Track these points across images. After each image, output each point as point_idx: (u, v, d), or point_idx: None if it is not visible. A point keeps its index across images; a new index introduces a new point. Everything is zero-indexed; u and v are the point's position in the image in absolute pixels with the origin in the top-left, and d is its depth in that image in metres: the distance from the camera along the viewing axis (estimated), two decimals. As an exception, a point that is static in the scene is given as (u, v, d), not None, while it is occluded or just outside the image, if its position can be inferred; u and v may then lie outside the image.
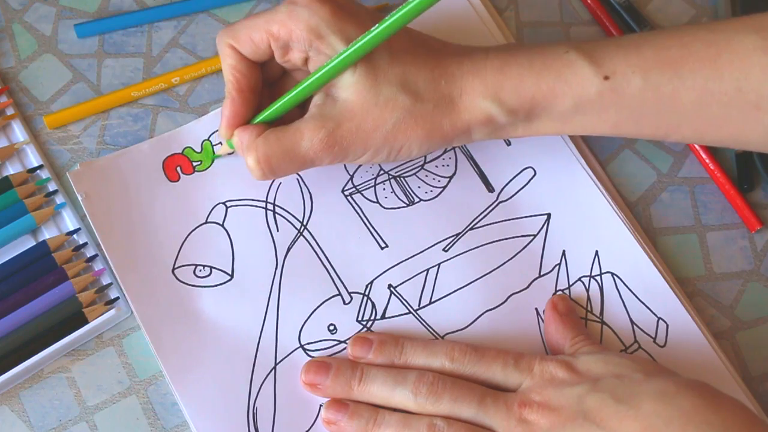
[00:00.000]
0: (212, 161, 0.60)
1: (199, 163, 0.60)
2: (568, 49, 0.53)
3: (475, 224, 0.59)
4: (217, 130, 0.61)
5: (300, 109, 0.55)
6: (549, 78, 0.53)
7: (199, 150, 0.60)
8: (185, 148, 0.60)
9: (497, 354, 0.52)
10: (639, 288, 0.58)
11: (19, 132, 0.60)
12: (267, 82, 0.57)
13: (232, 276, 0.57)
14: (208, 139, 0.61)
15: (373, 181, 0.60)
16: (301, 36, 0.53)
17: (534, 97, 0.53)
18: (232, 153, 0.59)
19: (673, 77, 0.51)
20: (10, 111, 0.61)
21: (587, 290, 0.58)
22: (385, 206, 0.59)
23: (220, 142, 0.60)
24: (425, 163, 0.61)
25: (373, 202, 0.60)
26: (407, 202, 0.60)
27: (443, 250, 0.58)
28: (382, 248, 0.58)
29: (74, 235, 0.58)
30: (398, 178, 0.60)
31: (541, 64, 0.53)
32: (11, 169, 0.59)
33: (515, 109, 0.53)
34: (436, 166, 0.60)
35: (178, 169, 0.60)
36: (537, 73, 0.53)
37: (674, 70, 0.51)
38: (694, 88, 0.51)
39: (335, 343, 0.56)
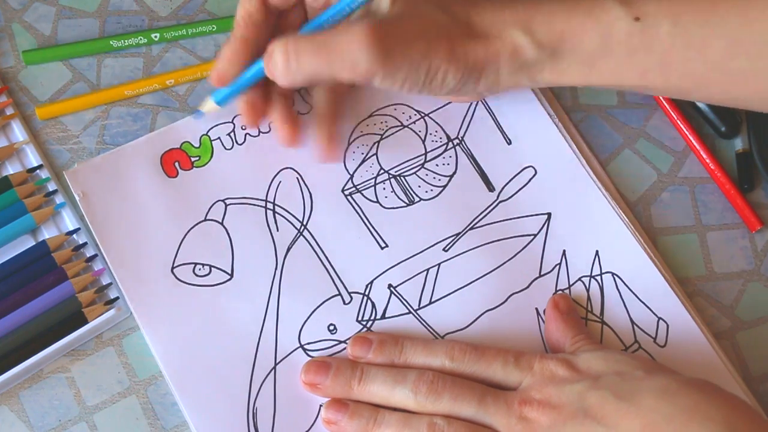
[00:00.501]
0: (211, 156, 0.60)
1: (197, 158, 0.60)
2: None
3: (476, 224, 0.59)
4: (216, 125, 0.60)
5: None
6: (580, 14, 0.53)
7: (197, 145, 0.60)
8: (183, 143, 0.60)
9: (497, 352, 0.52)
10: (639, 288, 0.58)
11: (18, 132, 0.60)
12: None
13: (231, 275, 0.57)
14: (206, 134, 0.60)
15: (373, 180, 0.60)
16: None
17: (563, 31, 0.53)
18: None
19: (704, 24, 0.51)
20: (9, 111, 0.61)
21: (587, 290, 0.58)
22: (385, 206, 0.59)
23: (218, 136, 0.60)
24: (425, 162, 0.61)
25: (373, 201, 0.59)
26: (407, 202, 0.60)
27: (443, 249, 0.58)
28: (382, 248, 0.58)
29: (74, 235, 0.58)
30: (398, 178, 0.60)
31: (574, 2, 0.53)
32: (11, 169, 0.59)
33: (544, 42, 0.53)
34: (437, 165, 0.60)
35: (176, 164, 0.60)
36: (568, 9, 0.53)
37: (705, 17, 0.51)
38: (723, 37, 0.51)
39: (335, 343, 0.56)
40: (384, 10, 0.52)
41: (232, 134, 0.60)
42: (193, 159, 0.60)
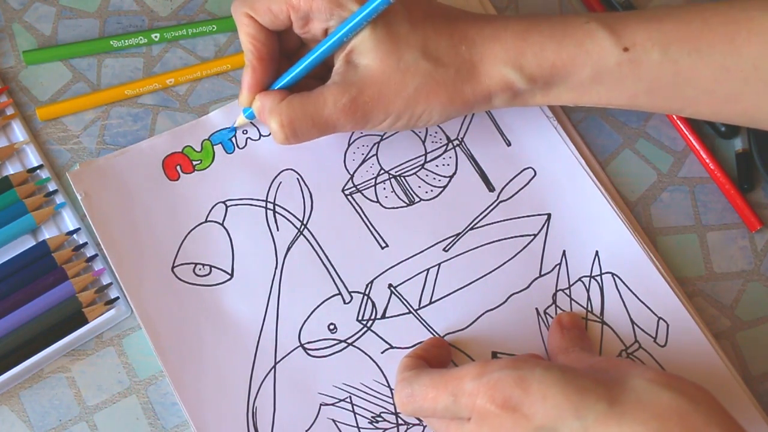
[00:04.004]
0: (212, 160, 0.60)
1: (198, 162, 0.60)
2: (588, 19, 0.54)
3: (476, 224, 0.59)
4: (217, 131, 0.61)
5: (320, 80, 0.55)
6: (569, 47, 0.53)
7: (199, 149, 0.60)
8: (185, 147, 0.60)
9: (435, 399, 0.49)
10: (639, 288, 0.58)
11: (18, 132, 0.60)
12: (284, 54, 0.57)
13: (231, 275, 0.57)
14: (208, 139, 0.61)
15: (374, 180, 0.60)
16: (321, 6, 0.53)
17: (554, 65, 0.53)
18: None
19: (692, 52, 0.52)
20: (10, 111, 0.61)
21: (587, 290, 0.58)
22: (386, 206, 0.59)
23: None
24: (425, 162, 0.61)
25: (374, 201, 0.60)
26: (407, 202, 0.60)
27: (443, 249, 0.58)
28: (382, 248, 0.58)
29: (74, 235, 0.58)
30: (398, 178, 0.60)
31: (562, 33, 0.53)
32: (11, 169, 0.59)
33: (535, 76, 0.54)
34: (437, 166, 0.60)
35: (178, 168, 0.60)
36: (558, 42, 0.53)
37: (693, 45, 0.52)
38: (711, 64, 0.52)
39: (335, 342, 0.56)
40: (364, 63, 0.53)
41: (233, 138, 0.60)
42: (194, 163, 0.60)
